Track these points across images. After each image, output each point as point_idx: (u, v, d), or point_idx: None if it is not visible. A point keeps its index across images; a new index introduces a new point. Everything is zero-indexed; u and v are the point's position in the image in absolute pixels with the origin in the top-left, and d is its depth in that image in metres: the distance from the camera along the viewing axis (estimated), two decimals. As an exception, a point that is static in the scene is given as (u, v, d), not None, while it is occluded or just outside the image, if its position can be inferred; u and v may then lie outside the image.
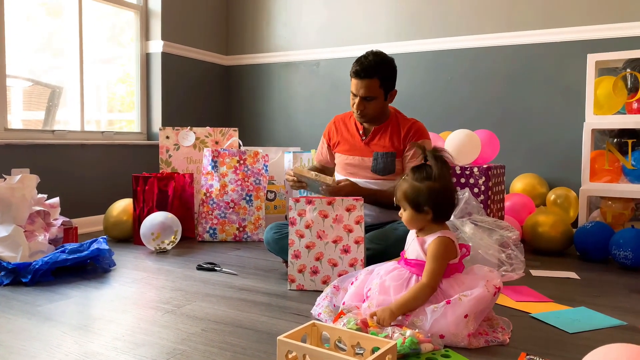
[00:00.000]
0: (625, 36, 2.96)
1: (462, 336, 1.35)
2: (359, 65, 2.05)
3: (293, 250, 1.89)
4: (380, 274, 1.54)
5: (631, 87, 2.66)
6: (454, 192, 1.53)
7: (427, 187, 1.46)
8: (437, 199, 1.46)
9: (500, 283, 1.45)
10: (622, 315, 1.64)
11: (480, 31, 3.36)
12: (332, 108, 3.84)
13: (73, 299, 1.79)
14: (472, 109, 3.40)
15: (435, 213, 1.48)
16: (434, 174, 1.47)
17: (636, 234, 2.23)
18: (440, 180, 1.47)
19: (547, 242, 2.53)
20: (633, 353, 0.89)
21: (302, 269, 1.88)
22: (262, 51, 4.14)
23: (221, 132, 3.24)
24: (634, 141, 2.65)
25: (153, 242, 2.51)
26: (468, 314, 1.35)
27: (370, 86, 2.05)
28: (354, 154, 2.19)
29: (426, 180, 1.47)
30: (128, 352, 1.32)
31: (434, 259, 1.43)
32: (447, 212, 1.52)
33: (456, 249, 1.48)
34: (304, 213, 1.89)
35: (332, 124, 2.32)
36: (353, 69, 2.07)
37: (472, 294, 1.38)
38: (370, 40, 3.70)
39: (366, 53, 2.09)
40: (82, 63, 3.25)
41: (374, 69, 2.04)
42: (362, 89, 2.05)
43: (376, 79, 2.05)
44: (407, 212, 1.51)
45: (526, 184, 3.10)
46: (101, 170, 3.29)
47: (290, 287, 1.90)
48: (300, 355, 1.12)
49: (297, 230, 1.89)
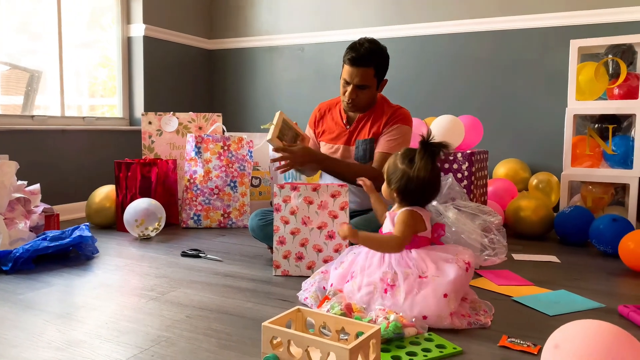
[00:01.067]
0: (607, 22, 2.98)
1: (445, 316, 1.37)
2: (354, 52, 1.98)
3: (278, 237, 1.89)
4: (364, 252, 1.58)
5: (612, 73, 2.69)
6: (430, 186, 1.55)
7: (402, 171, 1.54)
8: (405, 185, 1.53)
9: (470, 258, 1.50)
10: (601, 298, 1.67)
11: (464, 16, 3.35)
12: (317, 94, 3.83)
13: (55, 286, 1.77)
14: (457, 94, 3.41)
15: (400, 196, 1.56)
16: (416, 165, 1.51)
17: (613, 230, 2.23)
18: (419, 173, 1.50)
19: (529, 226, 2.57)
20: (594, 326, 0.92)
21: (287, 254, 1.89)
22: (246, 35, 4.09)
23: (205, 118, 3.21)
24: (615, 127, 2.68)
25: (137, 228, 2.49)
26: (447, 293, 1.38)
27: (365, 75, 2.00)
28: (338, 142, 2.16)
29: (407, 165, 1.53)
30: (112, 340, 1.32)
31: (400, 222, 1.53)
32: (416, 200, 1.57)
33: (424, 222, 1.55)
34: (288, 199, 1.88)
35: (316, 112, 2.28)
36: (348, 56, 2.00)
37: (445, 273, 1.42)
38: (355, 25, 3.67)
39: (360, 40, 2.02)
40: (62, 46, 3.18)
41: (370, 58, 1.99)
42: (356, 77, 2.00)
43: (372, 67, 2.00)
44: (384, 183, 1.61)
45: (509, 169, 3.13)
46: (83, 156, 3.24)
47: (275, 273, 1.90)
48: (285, 340, 1.12)
49: (282, 217, 1.89)
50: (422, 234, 1.55)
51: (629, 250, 1.98)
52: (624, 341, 0.88)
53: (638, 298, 1.70)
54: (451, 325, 1.38)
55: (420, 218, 1.54)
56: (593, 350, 0.87)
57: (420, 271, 1.45)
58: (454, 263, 1.45)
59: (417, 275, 1.44)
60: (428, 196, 1.59)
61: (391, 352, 1.23)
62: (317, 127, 2.26)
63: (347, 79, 2.03)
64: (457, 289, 1.41)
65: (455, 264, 1.45)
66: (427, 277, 1.43)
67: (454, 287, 1.40)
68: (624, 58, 2.66)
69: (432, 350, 1.25)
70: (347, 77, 2.03)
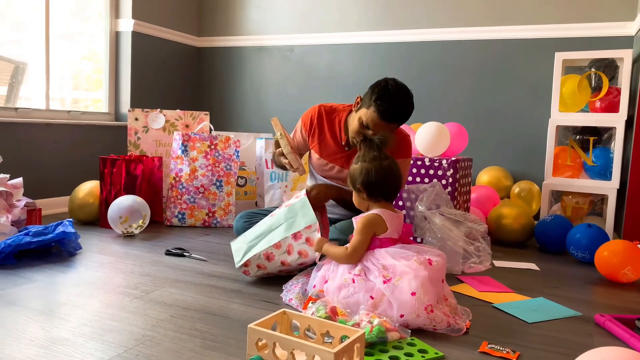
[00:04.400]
0: (592, 36, 3.05)
1: (420, 310, 1.40)
2: (388, 104, 1.76)
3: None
4: None
5: (595, 86, 2.75)
6: (389, 173, 1.62)
7: (359, 167, 1.62)
8: (367, 178, 1.60)
9: (432, 256, 1.53)
10: (578, 306, 1.71)
11: (451, 24, 3.40)
12: (305, 95, 3.84)
13: (37, 283, 1.76)
14: (443, 102, 3.46)
15: (367, 192, 1.62)
16: (363, 155, 1.63)
17: (589, 237, 2.29)
18: (371, 162, 1.60)
19: (510, 233, 2.62)
20: (626, 356, 0.93)
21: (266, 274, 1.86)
22: (235, 34, 4.09)
23: (192, 116, 3.20)
24: (595, 139, 2.75)
25: (120, 225, 2.47)
26: (415, 291, 1.41)
27: (392, 128, 1.84)
28: (334, 162, 2.06)
29: (360, 160, 1.63)
30: (96, 339, 1.31)
31: (355, 233, 1.60)
32: (381, 191, 1.62)
33: (384, 224, 1.58)
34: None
35: (315, 115, 2.08)
36: (381, 108, 1.76)
37: (406, 273, 1.45)
38: (344, 28, 3.70)
39: (395, 86, 1.80)
40: (48, 37, 3.14)
41: (403, 116, 1.81)
42: (382, 129, 1.80)
43: (399, 123, 1.85)
44: (354, 194, 1.68)
45: (492, 176, 3.18)
46: (67, 150, 3.20)
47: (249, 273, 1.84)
48: (271, 343, 1.14)
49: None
50: (384, 235, 1.59)
51: (604, 260, 2.03)
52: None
53: (613, 307, 1.74)
54: (428, 321, 1.40)
55: (379, 220, 1.58)
56: None
57: (384, 271, 1.48)
58: (412, 260, 1.48)
59: (381, 274, 1.47)
60: (390, 186, 1.63)
61: (374, 356, 1.25)
62: (311, 135, 2.10)
63: (371, 127, 1.81)
64: (423, 284, 1.43)
65: (413, 261, 1.48)
66: (391, 281, 1.46)
67: (419, 285, 1.42)
68: (606, 72, 2.73)
69: (415, 354, 1.27)
70: (371, 125, 1.81)
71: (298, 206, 1.76)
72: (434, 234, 1.98)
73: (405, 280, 1.44)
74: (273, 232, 1.78)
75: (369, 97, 1.82)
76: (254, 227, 1.86)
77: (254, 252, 1.78)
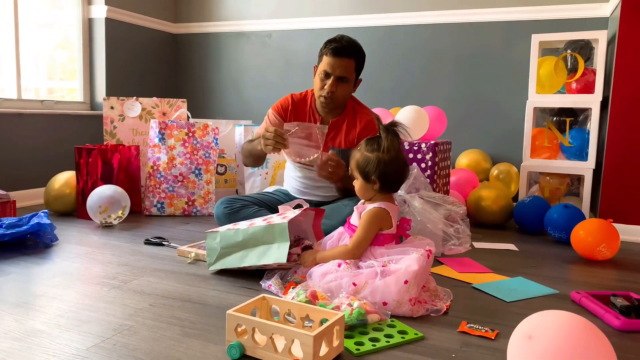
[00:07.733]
0: (568, 17, 3.07)
1: (404, 302, 1.40)
2: (337, 43, 1.97)
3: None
4: (329, 243, 1.65)
5: (571, 68, 2.78)
6: (404, 165, 1.59)
7: (376, 157, 1.54)
8: (384, 170, 1.54)
9: (430, 247, 1.54)
10: (555, 284, 1.74)
11: (430, 8, 3.39)
12: (283, 80, 3.81)
13: (12, 275, 1.72)
14: (422, 85, 3.46)
15: (381, 183, 1.56)
16: (384, 145, 1.53)
17: (566, 217, 2.32)
18: (390, 152, 1.54)
19: (490, 215, 2.64)
20: (565, 318, 0.96)
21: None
22: (212, 20, 4.02)
23: (169, 103, 3.15)
24: (572, 120, 2.78)
25: (99, 215, 2.43)
26: (408, 280, 1.41)
27: (347, 66, 1.99)
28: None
29: (376, 151, 1.55)
30: (72, 329, 1.29)
31: (362, 227, 1.54)
32: (394, 183, 1.59)
33: (390, 220, 1.56)
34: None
35: (289, 102, 2.15)
36: (330, 47, 1.98)
37: (408, 262, 1.45)
38: (323, 13, 3.66)
39: (339, 35, 2.03)
40: (17, 25, 3.05)
41: (352, 50, 1.99)
42: (339, 68, 1.98)
43: (353, 59, 2.00)
44: (358, 182, 1.60)
45: (471, 159, 3.20)
46: (41, 141, 3.13)
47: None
48: (250, 328, 1.13)
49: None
50: (387, 231, 1.56)
51: (580, 238, 2.07)
52: (594, 334, 0.92)
53: (589, 284, 1.78)
54: (409, 312, 1.41)
55: (387, 216, 1.55)
56: (567, 343, 0.90)
57: (383, 264, 1.48)
58: (415, 252, 1.48)
59: (380, 266, 1.47)
60: (403, 177, 1.61)
61: (354, 338, 1.25)
62: (288, 119, 2.14)
63: (329, 70, 1.99)
64: (418, 276, 1.44)
65: (416, 253, 1.48)
66: (389, 267, 1.46)
67: (414, 274, 1.43)
68: (582, 53, 2.75)
69: (395, 336, 1.28)
70: (328, 68, 1.99)
71: (277, 232, 1.60)
72: (414, 217, 1.99)
73: (403, 264, 1.44)
74: (246, 252, 1.68)
75: (321, 50, 2.03)
76: (231, 229, 1.73)
77: (226, 265, 1.74)
